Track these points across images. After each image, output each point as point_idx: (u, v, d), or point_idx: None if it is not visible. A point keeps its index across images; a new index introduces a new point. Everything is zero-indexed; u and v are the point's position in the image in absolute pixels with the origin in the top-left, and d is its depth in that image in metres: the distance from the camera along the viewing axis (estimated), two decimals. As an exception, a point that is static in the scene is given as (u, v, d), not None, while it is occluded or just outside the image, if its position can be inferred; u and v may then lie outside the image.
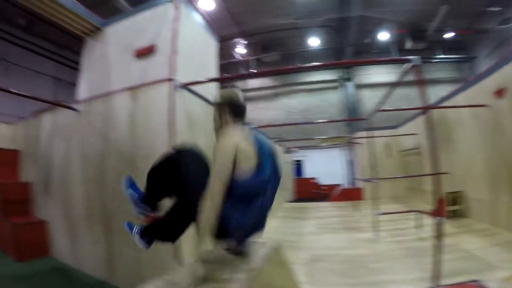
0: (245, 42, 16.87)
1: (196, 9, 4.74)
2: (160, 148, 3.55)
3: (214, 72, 5.19)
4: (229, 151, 1.72)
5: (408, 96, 14.07)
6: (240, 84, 18.09)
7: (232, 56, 17.65)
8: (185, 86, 3.79)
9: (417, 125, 9.11)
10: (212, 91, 4.96)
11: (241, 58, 18.00)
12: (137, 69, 4.22)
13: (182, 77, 3.81)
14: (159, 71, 3.90)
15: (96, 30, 5.22)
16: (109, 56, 4.83)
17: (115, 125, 4.18)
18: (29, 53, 16.23)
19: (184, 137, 3.68)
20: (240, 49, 17.43)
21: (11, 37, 15.61)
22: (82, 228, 4.73)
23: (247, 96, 18.21)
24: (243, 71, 17.95)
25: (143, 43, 4.29)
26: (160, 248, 3.55)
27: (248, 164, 1.75)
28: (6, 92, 4.78)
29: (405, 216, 6.49)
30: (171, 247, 3.47)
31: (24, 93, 4.74)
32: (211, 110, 4.37)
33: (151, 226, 2.28)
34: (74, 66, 17.74)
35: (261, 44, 17.40)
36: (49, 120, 5.69)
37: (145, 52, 4.18)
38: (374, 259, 4.53)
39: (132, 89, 4.03)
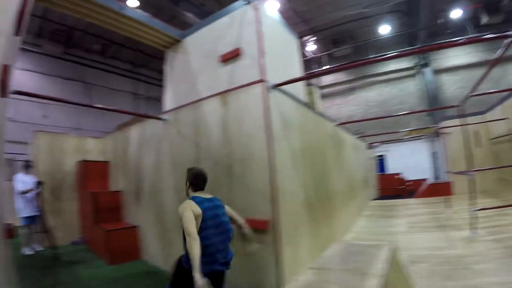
0: (314, 38, 16.59)
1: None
2: (257, 152, 3.47)
3: (299, 70, 5.04)
4: (188, 212, 2.66)
5: (493, 77, 12.79)
6: (314, 81, 17.84)
7: (303, 55, 17.46)
8: (277, 87, 3.66)
9: (507, 108, 8.17)
10: (299, 89, 4.82)
11: (312, 55, 17.80)
12: (224, 74, 4.20)
13: (271, 78, 3.69)
14: (248, 74, 3.83)
15: (175, 42, 5.38)
16: (193, 65, 4.90)
17: (206, 131, 4.18)
18: (106, 74, 17.90)
19: (280, 137, 3.56)
20: (310, 46, 17.18)
21: (88, 61, 17.34)
22: (173, 234, 4.81)
23: (322, 93, 17.89)
24: (315, 68, 17.73)
25: (226, 48, 4.27)
26: (259, 254, 3.46)
27: (198, 218, 2.68)
28: (103, 110, 5.10)
29: (501, 211, 5.96)
30: (271, 255, 3.34)
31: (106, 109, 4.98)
32: (302, 110, 4.26)
33: None
34: (150, 81, 19.22)
35: (331, 38, 17.10)
36: (136, 132, 5.96)
37: (231, 56, 4.14)
38: (475, 259, 4.18)
39: (222, 94, 4.01)
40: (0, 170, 2.50)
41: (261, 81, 3.58)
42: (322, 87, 18.73)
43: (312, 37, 16.38)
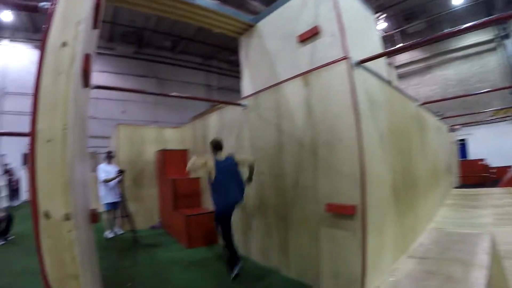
0: (385, 15, 15.57)
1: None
2: (344, 133, 3.29)
3: (378, 46, 4.71)
4: (203, 162, 4.28)
5: None
6: (389, 60, 16.86)
7: None
8: (363, 63, 3.42)
9: None
10: (381, 67, 4.50)
11: (384, 34, 16.71)
12: (304, 54, 4.05)
13: (353, 55, 3.45)
14: (329, 52, 3.64)
15: (248, 28, 5.36)
16: (269, 48, 4.83)
17: (288, 114, 4.09)
18: (178, 68, 18.88)
19: (367, 116, 3.34)
20: (381, 24, 16.11)
21: (160, 58, 18.38)
22: (254, 219, 4.87)
23: (398, 73, 16.90)
24: (388, 47, 16.65)
25: (303, 28, 4.11)
26: (345, 243, 3.31)
27: (212, 170, 4.22)
28: (181, 98, 5.26)
29: None
30: (356, 242, 3.17)
31: (179, 103, 5.08)
32: (386, 88, 3.99)
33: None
34: (221, 72, 19.91)
35: (402, 14, 16.12)
36: (214, 119, 6.10)
37: (309, 36, 3.97)
38: None
39: (303, 74, 3.87)
40: (85, 161, 2.61)
41: (344, 58, 3.37)
42: (397, 67, 17.61)
43: (382, 14, 15.35)
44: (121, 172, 6.66)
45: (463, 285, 1.98)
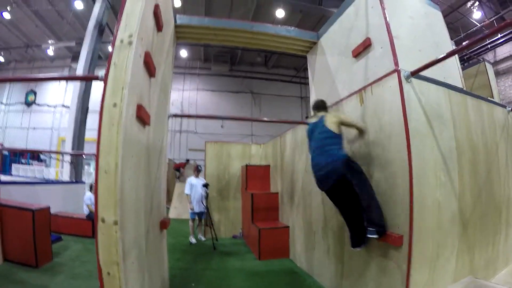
0: (477, 3, 12.93)
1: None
2: (395, 154, 3.01)
3: (448, 48, 4.06)
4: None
5: None
6: (488, 57, 14.34)
7: (468, 27, 13.99)
8: (416, 74, 3.03)
9: None
10: (452, 71, 3.97)
11: (479, 25, 13.65)
12: (359, 70, 3.86)
13: (409, 65, 3.10)
14: (381, 65, 3.39)
15: (312, 45, 5.38)
16: (330, 65, 4.76)
17: (347, 134, 3.81)
18: (271, 82, 19.66)
19: (423, 135, 3.00)
20: (475, 14, 13.45)
21: (253, 73, 19.32)
22: (318, 237, 4.80)
23: (499, 69, 14.14)
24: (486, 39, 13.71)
25: (357, 40, 3.91)
26: (392, 274, 3.03)
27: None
28: (255, 121, 5.48)
29: None
30: (402, 277, 2.85)
31: (274, 117, 5.24)
32: (457, 97, 3.49)
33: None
34: None
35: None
36: (290, 137, 6.19)
37: (362, 49, 3.76)
38: None
39: (358, 92, 3.67)
40: (154, 178, 3.09)
41: (395, 71, 3.08)
42: (497, 62, 14.44)
43: (474, 2, 12.89)
44: (206, 185, 7.31)
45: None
